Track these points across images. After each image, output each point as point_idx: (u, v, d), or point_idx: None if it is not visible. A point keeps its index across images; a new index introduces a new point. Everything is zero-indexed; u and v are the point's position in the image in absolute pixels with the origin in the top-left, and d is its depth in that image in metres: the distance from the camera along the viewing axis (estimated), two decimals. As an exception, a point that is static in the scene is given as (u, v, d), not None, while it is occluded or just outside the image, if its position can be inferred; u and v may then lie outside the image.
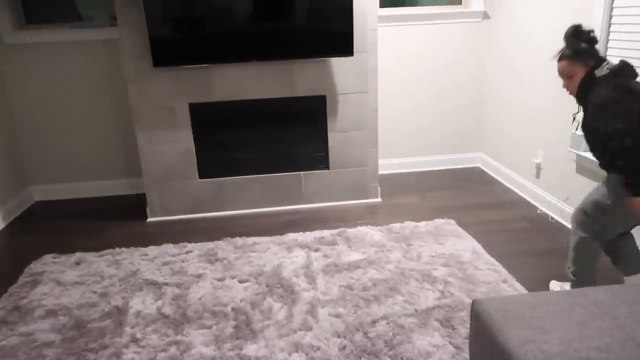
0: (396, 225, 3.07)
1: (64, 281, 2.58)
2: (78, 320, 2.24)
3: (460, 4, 3.91)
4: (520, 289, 2.35)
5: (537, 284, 2.40)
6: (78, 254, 2.87)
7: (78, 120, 3.75)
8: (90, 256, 2.85)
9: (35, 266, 2.76)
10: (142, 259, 2.78)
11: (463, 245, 2.79)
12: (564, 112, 2.97)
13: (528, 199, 3.47)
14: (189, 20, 2.98)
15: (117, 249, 2.91)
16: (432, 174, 4.07)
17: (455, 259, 2.63)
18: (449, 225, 3.05)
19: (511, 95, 3.62)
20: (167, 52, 2.99)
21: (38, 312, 2.32)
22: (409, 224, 3.08)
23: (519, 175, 3.60)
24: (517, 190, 3.62)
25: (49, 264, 2.78)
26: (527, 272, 2.53)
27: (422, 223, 3.09)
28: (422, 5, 3.93)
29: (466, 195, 3.61)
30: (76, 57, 3.61)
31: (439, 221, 3.11)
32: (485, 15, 3.85)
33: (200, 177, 3.36)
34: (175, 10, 2.94)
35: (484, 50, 3.94)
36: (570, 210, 2.97)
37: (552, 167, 3.18)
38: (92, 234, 3.21)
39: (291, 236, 2.98)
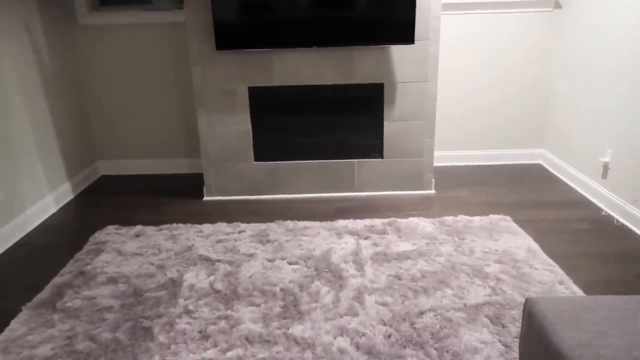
0: (449, 219, 3.01)
1: (125, 251, 2.73)
2: (136, 289, 2.37)
3: (530, -8, 3.73)
4: (577, 291, 2.25)
5: (596, 288, 2.29)
6: (138, 227, 3.02)
7: (144, 100, 3.91)
8: (149, 229, 2.99)
9: (99, 235, 2.93)
10: (197, 236, 2.88)
11: (518, 242, 2.70)
12: (636, 109, 2.79)
13: (592, 199, 3.29)
14: (252, 4, 3.02)
15: (175, 225, 3.04)
16: (489, 169, 3.95)
17: (509, 256, 2.55)
18: (504, 221, 2.96)
19: (578, 90, 3.44)
20: (229, 36, 3.05)
21: (100, 279, 2.46)
22: (462, 218, 3.01)
23: (583, 174, 3.42)
24: (580, 190, 3.44)
25: (111, 234, 2.94)
26: (586, 275, 2.41)
27: (476, 218, 3.01)
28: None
29: (524, 192, 3.48)
30: (144, 39, 3.76)
31: (493, 217, 3.02)
32: (557, 5, 3.65)
33: (256, 160, 3.43)
34: (240, -6, 2.99)
35: (553, 41, 3.75)
36: (639, 213, 2.80)
37: (621, 167, 3.00)
38: (152, 209, 3.36)
39: (342, 223, 2.99)
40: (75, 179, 3.69)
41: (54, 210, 3.38)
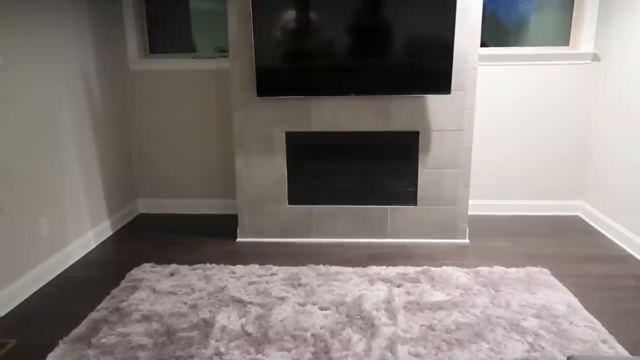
0: (484, 269, 2.94)
1: (159, 289, 2.77)
2: (169, 328, 2.39)
3: (568, 44, 3.76)
4: (622, 352, 2.15)
5: (643, 350, 2.18)
6: (173, 266, 3.07)
7: (184, 141, 4.07)
8: (183, 269, 3.03)
9: (135, 273, 3.00)
10: (230, 277, 2.91)
11: (557, 297, 2.61)
12: (683, 164, 2.72)
13: (636, 255, 3.17)
14: (292, 55, 3.15)
15: (208, 265, 3.08)
16: (525, 219, 3.87)
17: (547, 311, 2.47)
18: (542, 274, 2.88)
19: (620, 143, 3.38)
20: (270, 84, 3.17)
21: (135, 316, 2.50)
22: (498, 269, 2.94)
23: (626, 229, 3.31)
24: (622, 245, 3.33)
25: (147, 272, 3.00)
26: (631, 334, 2.30)
27: (513, 269, 2.94)
28: (526, 45, 3.83)
29: (563, 244, 3.38)
30: (189, 84, 3.95)
31: (531, 269, 2.94)
32: (595, 57, 3.66)
33: (290, 203, 3.48)
34: (281, 47, 3.12)
35: (592, 94, 3.73)
36: (686, 272, 2.68)
37: (666, 223, 2.90)
38: (187, 248, 3.42)
39: (374, 269, 2.97)
40: (115, 216, 3.82)
41: (93, 245, 3.49)
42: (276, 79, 3.18)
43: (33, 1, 2.87)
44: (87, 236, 3.41)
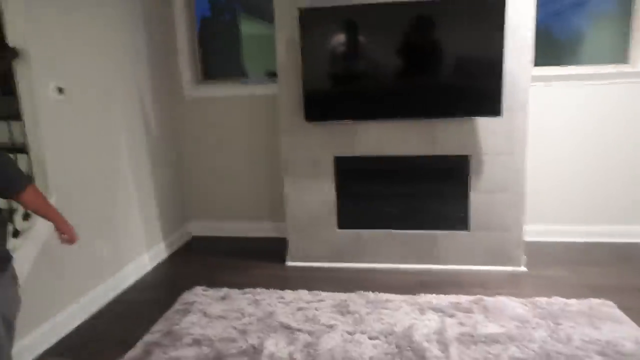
0: (542, 300, 2.80)
1: (210, 313, 2.81)
2: (218, 353, 2.41)
3: (627, 62, 3.58)
4: (700, 397, 1.97)
5: None
6: (224, 289, 3.12)
7: (235, 165, 4.16)
8: (234, 293, 3.07)
9: (187, 296, 3.06)
10: (279, 302, 2.92)
11: (624, 332, 2.44)
12: None
13: None
14: (339, 79, 3.18)
15: (258, 289, 3.10)
16: (587, 246, 3.67)
17: (613, 348, 2.31)
18: (606, 307, 2.70)
19: (691, 165, 3.16)
20: (317, 109, 3.21)
21: (186, 340, 2.55)
22: (557, 300, 2.79)
23: (699, 258, 3.08)
24: (697, 275, 3.09)
25: (199, 295, 3.06)
26: None
27: (574, 301, 2.78)
28: (582, 63, 3.68)
29: (629, 274, 3.17)
30: (239, 109, 4.05)
31: (594, 301, 2.77)
32: (662, 75, 3.47)
33: (339, 228, 3.46)
34: (328, 72, 3.16)
35: (657, 112, 3.53)
36: None
37: None
38: (238, 271, 3.47)
39: (425, 297, 2.89)
40: (169, 238, 3.94)
41: (149, 268, 3.60)
42: (324, 103, 3.20)
43: (94, 36, 3.05)
44: (143, 258, 3.53)
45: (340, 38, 3.13)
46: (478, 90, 3.01)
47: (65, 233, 1.94)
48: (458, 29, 2.98)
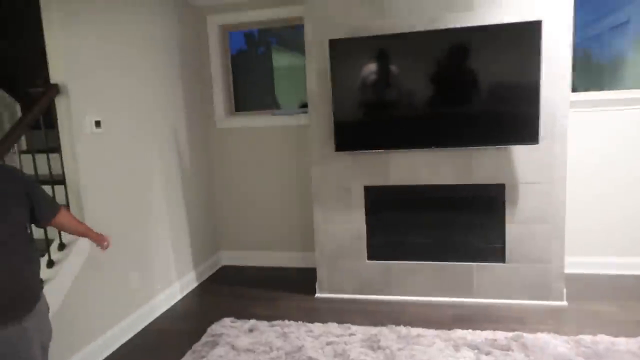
0: (586, 338, 2.63)
1: (238, 346, 2.77)
2: (246, 388, 2.36)
3: (672, 86, 3.44)
4: None
5: None
6: (252, 321, 3.08)
7: (265, 195, 4.17)
8: (262, 325, 3.03)
9: (215, 327, 3.03)
10: (308, 335, 2.85)
11: (679, 376, 2.26)
12: None
13: None
14: (370, 109, 3.16)
15: (287, 322, 3.05)
16: (635, 279, 3.46)
17: (668, 394, 2.13)
18: (658, 347, 2.52)
19: None
20: (348, 138, 3.19)
21: (214, 373, 2.51)
22: (603, 339, 2.62)
23: None
24: None
25: (227, 327, 3.03)
26: None
27: (622, 339, 2.60)
28: (623, 88, 3.55)
29: (682, 310, 2.96)
30: (269, 140, 4.08)
31: (644, 340, 2.59)
32: None
33: (369, 259, 3.39)
34: (359, 101, 3.15)
35: None
36: None
37: None
38: (266, 302, 3.43)
39: (459, 333, 2.77)
40: (199, 268, 3.95)
41: (179, 297, 3.61)
42: (354, 133, 3.19)
43: (131, 69, 3.16)
44: (173, 288, 3.55)
45: (371, 67, 3.13)
46: (514, 117, 2.93)
47: (102, 241, 2.11)
48: (493, 55, 2.93)
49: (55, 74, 2.63)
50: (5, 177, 1.80)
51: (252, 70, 4.36)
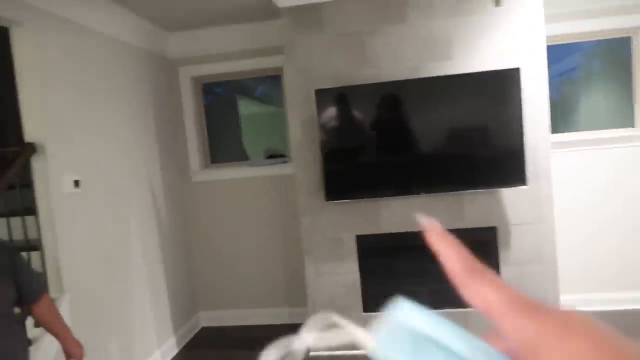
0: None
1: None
2: None
3: (634, 126, 3.64)
4: None
5: None
6: (248, 388, 2.85)
7: (246, 249, 3.99)
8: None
9: (209, 398, 2.78)
10: (312, 399, 2.66)
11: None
12: None
13: None
14: (359, 158, 3.14)
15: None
16: (629, 315, 3.50)
17: None
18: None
19: None
20: (338, 187, 3.13)
21: None
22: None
23: None
24: None
25: (221, 397, 2.78)
26: None
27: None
28: (595, 129, 3.72)
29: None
30: (246, 192, 3.95)
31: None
32: (670, 137, 3.52)
33: (364, 311, 3.27)
34: (348, 150, 3.13)
35: (672, 173, 3.53)
36: None
37: None
38: (258, 366, 3.20)
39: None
40: (179, 332, 3.67)
41: (160, 367, 3.32)
42: (345, 182, 3.14)
43: (107, 127, 3.00)
44: (154, 357, 3.25)
45: (359, 115, 3.13)
46: (501, 160, 2.99)
47: (73, 355, 1.79)
48: (475, 101, 3.01)
49: (31, 132, 2.44)
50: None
51: (223, 121, 4.28)
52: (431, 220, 0.33)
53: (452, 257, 0.33)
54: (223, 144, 4.23)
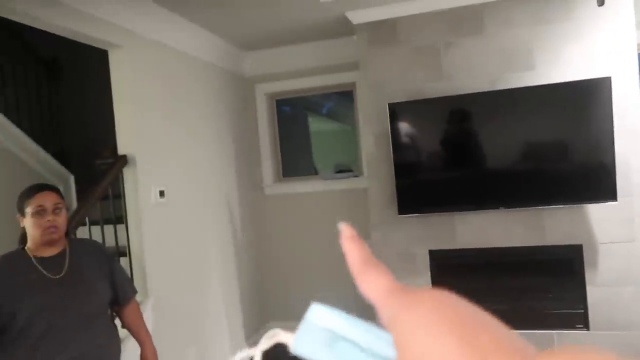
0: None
1: None
2: None
3: None
4: None
5: None
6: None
7: (316, 261, 4.02)
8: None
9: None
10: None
11: None
12: None
13: None
14: (435, 170, 3.09)
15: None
16: None
17: None
18: None
19: None
20: (411, 201, 3.09)
21: None
22: None
23: None
24: None
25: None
26: None
27: None
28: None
29: None
30: (317, 205, 3.99)
31: None
32: None
33: (438, 328, 3.18)
34: (422, 163, 3.09)
35: None
36: None
37: None
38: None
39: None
40: (249, 342, 3.74)
41: (234, 375, 3.39)
42: (418, 195, 3.10)
43: (189, 141, 3.16)
44: (228, 365, 3.34)
45: (431, 129, 3.10)
46: (589, 174, 2.83)
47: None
48: (560, 113, 2.88)
49: (124, 146, 2.63)
50: (93, 251, 1.73)
51: (293, 136, 4.37)
52: (348, 226, 0.38)
53: (353, 252, 0.36)
54: (293, 159, 4.32)
